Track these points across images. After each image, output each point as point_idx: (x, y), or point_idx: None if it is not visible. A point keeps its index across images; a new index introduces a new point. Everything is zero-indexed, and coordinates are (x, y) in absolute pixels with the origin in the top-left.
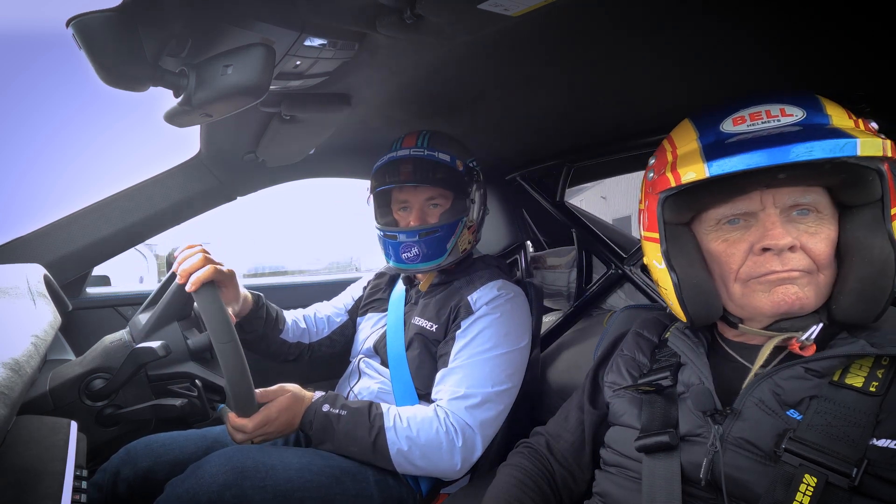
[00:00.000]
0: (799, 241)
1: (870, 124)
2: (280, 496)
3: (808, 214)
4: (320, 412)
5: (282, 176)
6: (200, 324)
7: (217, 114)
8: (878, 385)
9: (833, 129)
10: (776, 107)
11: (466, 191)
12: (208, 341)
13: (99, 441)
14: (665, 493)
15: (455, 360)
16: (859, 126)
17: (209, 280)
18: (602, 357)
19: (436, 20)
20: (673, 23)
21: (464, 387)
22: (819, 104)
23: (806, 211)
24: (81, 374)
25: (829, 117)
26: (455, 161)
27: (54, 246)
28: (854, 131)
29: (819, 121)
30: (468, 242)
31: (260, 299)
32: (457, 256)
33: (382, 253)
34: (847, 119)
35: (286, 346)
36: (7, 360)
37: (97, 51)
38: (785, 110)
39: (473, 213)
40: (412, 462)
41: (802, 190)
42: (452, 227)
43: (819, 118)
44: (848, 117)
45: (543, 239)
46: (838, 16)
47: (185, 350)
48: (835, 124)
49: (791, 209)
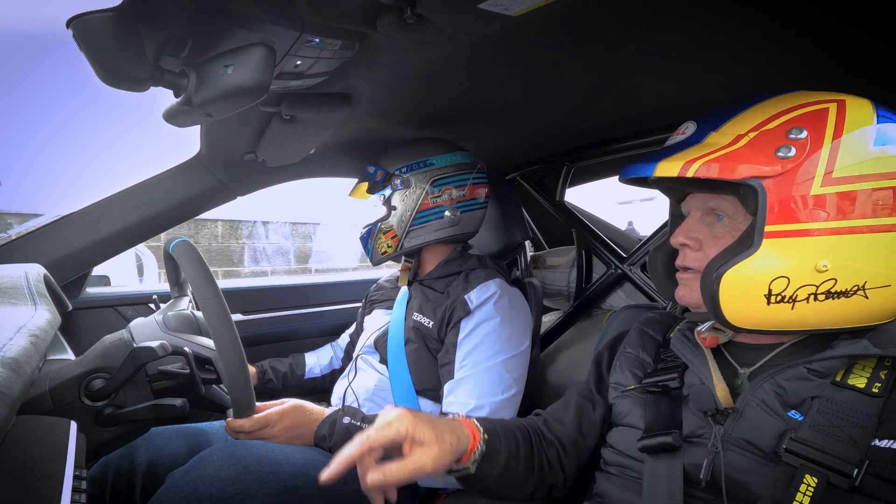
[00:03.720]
0: (698, 242)
1: (784, 139)
2: (284, 492)
3: (723, 219)
4: (341, 424)
5: (282, 176)
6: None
7: (217, 114)
8: (881, 386)
9: (673, 148)
10: (691, 123)
11: (385, 195)
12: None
13: (98, 441)
14: (666, 495)
15: (461, 370)
16: (738, 142)
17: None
18: (604, 350)
19: (436, 20)
20: (673, 22)
21: (474, 398)
22: (718, 123)
23: (722, 216)
24: (81, 373)
25: (708, 135)
26: (376, 172)
27: (54, 246)
28: (713, 150)
29: (693, 140)
30: (387, 246)
31: (265, 374)
32: (378, 259)
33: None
34: (725, 137)
35: (318, 380)
36: (6, 360)
37: (97, 51)
38: (688, 128)
39: (392, 219)
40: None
41: (709, 196)
42: (370, 231)
43: (697, 136)
44: (735, 137)
45: (543, 239)
46: (840, 16)
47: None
48: (704, 142)
49: (709, 213)
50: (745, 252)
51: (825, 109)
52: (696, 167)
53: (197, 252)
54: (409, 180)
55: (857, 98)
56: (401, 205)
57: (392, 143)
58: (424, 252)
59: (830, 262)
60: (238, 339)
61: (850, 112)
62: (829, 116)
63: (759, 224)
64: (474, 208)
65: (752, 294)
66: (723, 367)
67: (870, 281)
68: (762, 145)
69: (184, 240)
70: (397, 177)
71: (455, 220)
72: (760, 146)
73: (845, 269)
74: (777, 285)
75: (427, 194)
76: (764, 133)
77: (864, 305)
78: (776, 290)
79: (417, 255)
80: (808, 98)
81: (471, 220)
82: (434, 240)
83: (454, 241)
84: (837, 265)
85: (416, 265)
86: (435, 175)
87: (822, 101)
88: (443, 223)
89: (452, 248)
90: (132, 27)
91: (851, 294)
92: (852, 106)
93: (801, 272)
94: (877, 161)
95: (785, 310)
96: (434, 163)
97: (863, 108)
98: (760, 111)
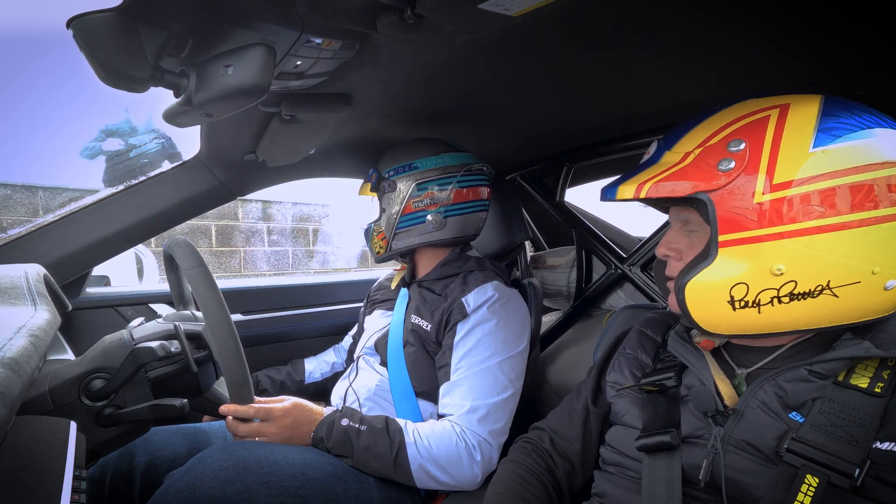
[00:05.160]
0: (679, 253)
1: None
2: (283, 493)
3: (696, 231)
4: (339, 426)
5: (282, 176)
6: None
7: (217, 114)
8: (884, 386)
9: (637, 168)
10: (655, 143)
11: (379, 198)
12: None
13: (98, 441)
14: (665, 494)
15: (456, 373)
16: (686, 160)
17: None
18: (604, 357)
19: (436, 20)
20: (673, 22)
21: (470, 400)
22: (672, 141)
23: (694, 228)
24: (81, 374)
25: (663, 155)
26: (372, 174)
27: (54, 246)
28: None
29: (652, 159)
30: (379, 247)
31: (259, 383)
32: (375, 257)
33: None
34: (676, 156)
35: (319, 385)
36: (6, 360)
37: (97, 51)
38: (651, 148)
39: (382, 221)
40: (433, 477)
41: (680, 210)
42: (368, 229)
43: (655, 156)
44: (683, 155)
45: (543, 239)
46: (840, 16)
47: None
48: (659, 161)
49: (684, 224)
50: (703, 262)
51: (766, 118)
52: (647, 188)
53: (192, 245)
54: (395, 183)
55: (805, 99)
56: (388, 208)
57: (392, 143)
58: (418, 254)
59: (785, 265)
60: (228, 315)
61: (791, 117)
62: (768, 124)
63: (713, 235)
64: (464, 212)
65: (716, 302)
66: (722, 369)
67: (834, 279)
68: (706, 161)
69: (181, 237)
70: (386, 180)
71: (438, 224)
72: (704, 162)
73: (803, 271)
74: (737, 291)
75: (410, 198)
76: (707, 149)
77: (835, 304)
78: (738, 297)
79: (412, 257)
80: (751, 108)
81: (461, 224)
82: (420, 243)
83: (446, 244)
84: (793, 267)
85: (412, 266)
86: (418, 178)
87: (765, 108)
88: (425, 228)
89: (450, 250)
90: (132, 27)
91: (818, 294)
92: (795, 109)
93: (757, 277)
94: (817, 163)
95: (752, 314)
96: (418, 166)
97: (805, 110)
98: (707, 126)
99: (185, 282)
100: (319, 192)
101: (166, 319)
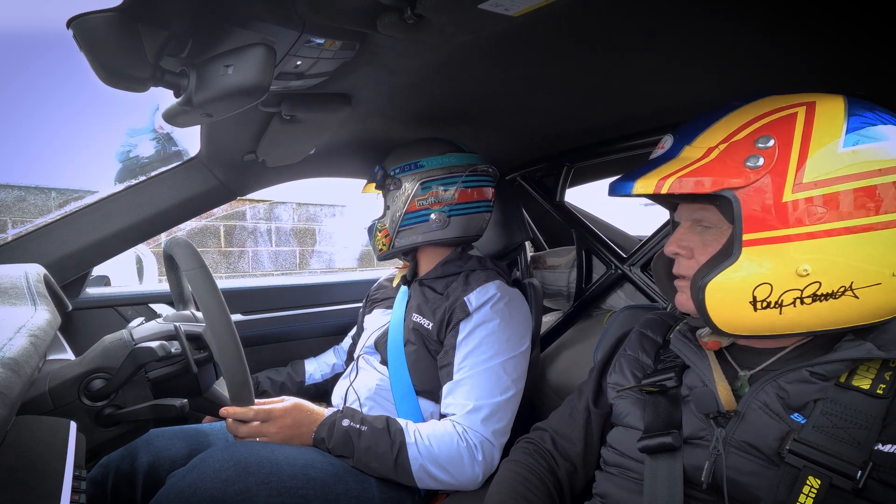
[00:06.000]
0: (689, 251)
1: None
2: (284, 493)
3: (711, 228)
4: (340, 427)
5: (282, 176)
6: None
7: (217, 114)
8: (886, 388)
9: (652, 163)
10: (669, 137)
11: (384, 195)
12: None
13: (98, 441)
14: (667, 495)
15: (459, 372)
16: (710, 155)
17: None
18: (605, 358)
19: (436, 20)
20: (673, 22)
21: (473, 399)
22: (691, 136)
23: (709, 226)
24: (81, 374)
25: (682, 149)
26: (377, 171)
27: (54, 246)
28: (686, 165)
29: (669, 154)
30: (382, 244)
31: (259, 385)
32: (377, 255)
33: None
34: (698, 151)
35: (319, 385)
36: (6, 360)
37: (97, 51)
38: (666, 142)
39: (386, 218)
40: (434, 477)
41: (694, 207)
42: (372, 226)
43: (673, 151)
44: (706, 150)
45: (543, 239)
46: (840, 16)
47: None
48: (679, 156)
49: (697, 223)
50: (726, 262)
51: (793, 115)
52: (669, 183)
53: (192, 245)
54: (400, 181)
55: (829, 97)
56: (392, 205)
57: (392, 143)
58: (420, 252)
59: (811, 266)
60: (229, 316)
61: (819, 114)
62: (797, 121)
63: (737, 233)
64: (468, 212)
65: (737, 302)
66: (724, 370)
67: (857, 281)
68: (732, 157)
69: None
70: (391, 178)
71: (442, 223)
72: (730, 158)
73: (828, 272)
74: (761, 292)
75: (415, 196)
76: (733, 144)
77: (856, 305)
78: (760, 297)
79: (414, 255)
80: (777, 104)
81: (465, 224)
82: (423, 242)
83: (449, 244)
84: (819, 268)
85: (414, 264)
86: (423, 177)
87: (791, 105)
88: (429, 226)
89: (452, 250)
90: (132, 27)
91: (840, 295)
92: (822, 107)
93: (782, 278)
94: (848, 162)
95: (773, 315)
96: (424, 165)
97: (833, 109)
98: (730, 121)
99: (185, 282)
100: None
101: (166, 320)
